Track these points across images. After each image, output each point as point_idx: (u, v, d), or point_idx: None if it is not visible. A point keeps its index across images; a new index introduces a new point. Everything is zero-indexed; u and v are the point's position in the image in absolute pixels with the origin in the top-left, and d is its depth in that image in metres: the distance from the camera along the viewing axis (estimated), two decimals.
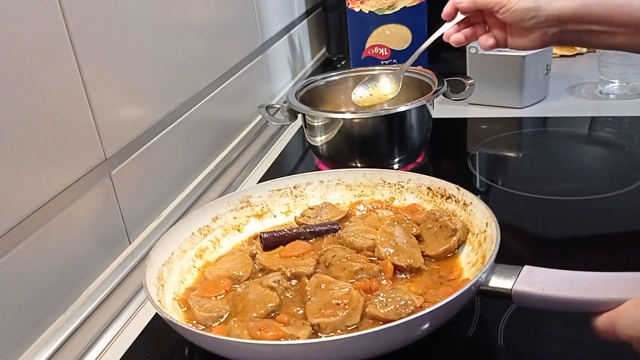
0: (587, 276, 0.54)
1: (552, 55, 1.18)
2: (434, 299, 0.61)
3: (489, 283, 0.57)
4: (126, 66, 0.80)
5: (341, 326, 0.59)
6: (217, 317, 0.63)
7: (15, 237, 0.62)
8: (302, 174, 0.86)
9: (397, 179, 0.82)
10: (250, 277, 0.70)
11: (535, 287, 0.54)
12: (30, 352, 0.64)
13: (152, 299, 0.61)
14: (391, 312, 0.58)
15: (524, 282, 0.55)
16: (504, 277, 0.57)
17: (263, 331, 0.57)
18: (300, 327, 0.59)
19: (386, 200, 0.82)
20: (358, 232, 0.73)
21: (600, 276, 0.53)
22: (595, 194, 0.86)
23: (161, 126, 0.88)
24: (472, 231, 0.71)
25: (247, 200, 0.82)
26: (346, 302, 0.60)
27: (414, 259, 0.68)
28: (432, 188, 0.78)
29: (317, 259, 0.70)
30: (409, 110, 0.93)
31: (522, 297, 0.55)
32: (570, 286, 0.53)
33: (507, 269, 0.58)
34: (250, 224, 0.82)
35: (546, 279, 0.55)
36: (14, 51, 0.61)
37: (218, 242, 0.78)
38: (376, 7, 1.23)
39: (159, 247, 0.71)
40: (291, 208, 0.84)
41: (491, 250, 0.61)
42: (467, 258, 0.68)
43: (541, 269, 0.56)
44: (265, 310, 0.62)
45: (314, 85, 1.07)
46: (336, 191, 0.85)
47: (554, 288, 0.54)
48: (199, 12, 0.99)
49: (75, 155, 0.71)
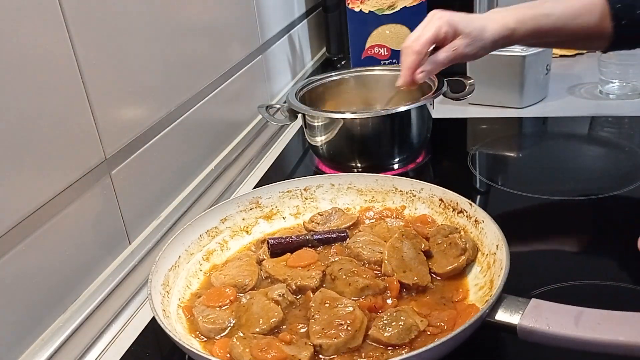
0: (595, 315, 0.53)
1: (552, 55, 1.18)
2: (437, 322, 0.60)
3: (495, 316, 0.56)
4: (126, 66, 0.80)
5: (343, 348, 0.58)
6: (220, 329, 0.63)
7: (15, 237, 0.62)
8: (313, 176, 0.86)
9: (409, 187, 0.81)
10: (255, 286, 0.69)
11: (541, 323, 0.53)
12: (30, 352, 0.64)
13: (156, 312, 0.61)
14: (394, 337, 0.58)
15: (530, 317, 0.54)
16: (510, 311, 0.56)
17: (265, 352, 0.57)
18: (302, 347, 0.58)
19: (397, 208, 0.81)
20: (366, 243, 0.73)
21: (608, 315, 0.52)
22: (595, 194, 0.86)
23: (161, 126, 0.88)
24: (482, 250, 0.69)
25: (257, 201, 0.82)
26: (349, 323, 0.59)
27: (421, 277, 0.67)
28: (445, 200, 0.77)
29: (323, 271, 0.69)
30: (409, 110, 0.93)
31: (527, 333, 0.54)
32: (577, 324, 0.52)
33: (513, 301, 0.56)
34: (259, 225, 0.82)
35: (552, 315, 0.54)
36: (14, 51, 0.61)
37: (226, 244, 0.78)
38: (376, 7, 1.23)
39: (167, 251, 0.71)
40: (300, 210, 0.84)
41: (500, 278, 0.59)
42: (475, 279, 0.67)
43: (549, 303, 0.55)
44: (269, 326, 0.62)
45: (314, 85, 1.07)
46: (347, 195, 0.84)
47: (560, 325, 0.53)
48: (198, 12, 0.99)
49: (75, 155, 0.71)
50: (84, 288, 0.73)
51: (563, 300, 0.66)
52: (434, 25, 0.86)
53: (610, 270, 0.71)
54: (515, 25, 0.86)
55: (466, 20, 0.87)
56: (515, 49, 1.12)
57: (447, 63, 0.88)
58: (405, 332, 0.58)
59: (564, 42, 0.95)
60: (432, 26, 0.86)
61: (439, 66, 0.88)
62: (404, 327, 0.59)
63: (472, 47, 0.87)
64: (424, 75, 0.89)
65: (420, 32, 0.88)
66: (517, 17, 0.87)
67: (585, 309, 0.54)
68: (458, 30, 0.86)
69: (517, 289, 0.59)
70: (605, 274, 0.70)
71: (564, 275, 0.70)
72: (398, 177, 0.83)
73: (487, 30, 0.86)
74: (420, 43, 0.87)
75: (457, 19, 0.87)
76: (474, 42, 0.87)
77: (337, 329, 0.59)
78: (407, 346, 0.58)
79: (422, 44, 0.87)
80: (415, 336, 0.58)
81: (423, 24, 0.89)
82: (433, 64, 0.88)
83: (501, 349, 0.61)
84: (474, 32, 0.86)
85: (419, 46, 0.87)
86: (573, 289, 0.68)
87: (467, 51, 0.87)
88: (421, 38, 0.87)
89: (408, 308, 0.62)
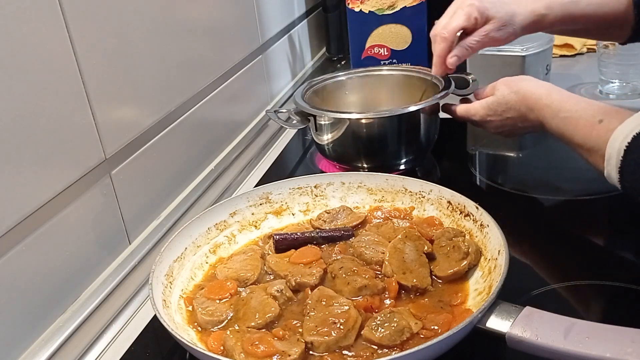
0: (585, 327, 0.53)
1: (552, 55, 1.18)
2: (431, 325, 0.60)
3: (486, 323, 0.56)
4: (126, 66, 0.80)
5: (335, 346, 0.58)
6: (218, 321, 0.64)
7: (15, 237, 0.62)
8: (323, 174, 0.86)
9: (419, 188, 0.80)
10: (257, 280, 0.70)
11: (530, 333, 0.53)
12: (30, 352, 0.64)
13: (155, 303, 0.62)
14: (385, 338, 0.58)
15: (520, 326, 0.54)
16: (502, 318, 0.55)
17: (256, 346, 0.57)
18: (294, 343, 0.59)
19: (405, 209, 0.81)
20: (370, 243, 0.73)
21: (598, 329, 0.52)
22: (595, 194, 0.86)
23: (161, 126, 0.88)
24: (485, 255, 0.68)
25: (267, 196, 0.83)
26: (343, 322, 0.59)
27: (420, 279, 0.66)
28: (452, 203, 0.76)
29: (324, 269, 0.69)
30: (419, 110, 0.91)
31: (516, 342, 0.54)
32: (565, 337, 0.52)
33: (507, 308, 0.56)
34: (268, 220, 0.82)
35: (543, 325, 0.54)
36: (14, 51, 0.61)
37: (234, 238, 0.79)
38: (376, 7, 1.23)
39: (173, 242, 0.71)
40: (310, 207, 0.84)
41: (497, 283, 0.59)
42: (476, 284, 0.66)
43: (541, 312, 0.55)
44: (264, 320, 0.62)
45: (320, 86, 1.05)
46: (357, 194, 0.84)
47: (548, 337, 0.52)
48: (198, 12, 0.99)
49: (75, 155, 0.71)
50: (84, 288, 0.73)
51: (563, 301, 0.66)
52: (463, 12, 0.87)
53: (610, 270, 0.71)
54: (545, 11, 0.88)
55: (496, 6, 0.88)
56: (515, 48, 1.12)
57: (478, 48, 0.90)
58: (397, 334, 0.58)
59: (589, 31, 0.95)
60: (461, 13, 0.88)
61: (470, 51, 0.91)
62: (397, 329, 0.59)
63: (503, 32, 0.88)
64: (456, 60, 0.90)
65: (449, 19, 0.89)
66: (547, 3, 0.88)
67: (578, 321, 0.53)
68: (489, 16, 0.88)
69: (516, 289, 0.59)
70: (605, 274, 0.70)
71: (564, 276, 0.70)
72: (408, 178, 0.82)
73: (517, 15, 0.88)
74: (450, 30, 0.88)
75: (488, 5, 0.88)
76: (505, 28, 0.88)
77: (330, 327, 0.59)
78: (399, 347, 0.58)
79: (451, 31, 0.88)
80: (407, 338, 0.58)
81: (451, 9, 0.90)
82: (464, 49, 0.90)
83: (496, 357, 0.61)
84: (505, 18, 0.88)
85: (448, 33, 0.88)
86: (573, 289, 0.68)
87: (498, 36, 0.89)
88: (450, 25, 0.88)
89: (403, 310, 0.62)
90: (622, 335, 0.51)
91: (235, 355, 0.57)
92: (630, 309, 0.66)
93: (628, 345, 0.50)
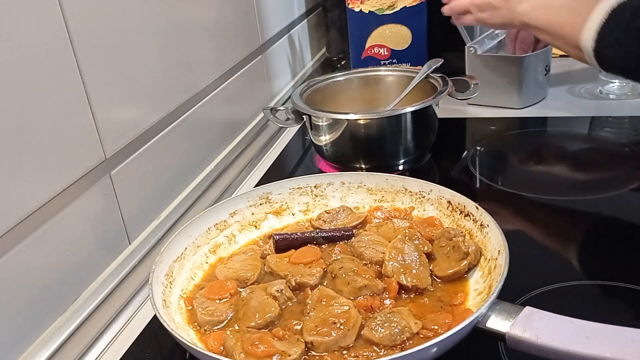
0: (585, 327, 0.52)
1: (552, 55, 1.18)
2: (431, 325, 0.60)
3: (486, 323, 0.56)
4: (126, 66, 0.80)
5: (334, 346, 0.58)
6: (218, 321, 0.64)
7: (15, 237, 0.62)
8: (323, 174, 0.86)
9: (419, 188, 0.80)
10: (257, 280, 0.70)
11: (530, 333, 0.53)
12: (30, 352, 0.64)
13: (155, 303, 0.62)
14: (385, 338, 0.58)
15: (520, 326, 0.54)
16: (502, 318, 0.55)
17: (256, 346, 0.57)
18: (294, 343, 0.59)
19: (405, 209, 0.81)
20: (370, 243, 0.72)
21: (598, 328, 0.52)
22: (596, 194, 0.86)
23: (161, 126, 0.88)
24: (485, 255, 0.68)
25: (267, 196, 0.83)
26: (343, 322, 0.59)
27: (420, 279, 0.66)
28: (452, 203, 0.76)
29: (324, 269, 0.69)
30: (415, 111, 0.92)
31: (516, 342, 0.54)
32: (565, 337, 0.52)
33: (507, 308, 0.56)
34: (268, 220, 0.82)
35: (543, 325, 0.53)
36: (14, 51, 0.61)
37: (234, 238, 0.79)
38: (376, 7, 1.23)
39: (173, 242, 0.71)
40: (310, 207, 0.84)
41: (497, 283, 0.59)
42: (476, 284, 0.66)
43: (541, 312, 0.55)
44: (264, 320, 0.62)
45: (318, 86, 1.06)
46: (357, 194, 0.84)
47: (548, 337, 0.52)
48: (198, 12, 0.99)
49: (75, 155, 0.71)
50: (84, 288, 0.73)
51: (562, 301, 0.66)
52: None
53: (610, 270, 0.71)
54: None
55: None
56: None
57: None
58: (397, 334, 0.58)
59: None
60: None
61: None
62: (397, 329, 0.59)
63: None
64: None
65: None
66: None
67: (577, 321, 0.53)
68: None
69: (516, 289, 0.59)
70: (605, 274, 0.70)
71: (564, 276, 0.70)
72: (408, 178, 0.82)
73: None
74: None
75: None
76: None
77: (330, 327, 0.59)
78: (399, 347, 0.58)
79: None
80: (407, 338, 0.58)
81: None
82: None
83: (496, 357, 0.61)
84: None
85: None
86: (573, 289, 0.68)
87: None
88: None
89: (403, 310, 0.62)
90: (622, 335, 0.51)
91: (235, 355, 0.57)
92: (630, 309, 0.66)
93: (628, 345, 0.50)
